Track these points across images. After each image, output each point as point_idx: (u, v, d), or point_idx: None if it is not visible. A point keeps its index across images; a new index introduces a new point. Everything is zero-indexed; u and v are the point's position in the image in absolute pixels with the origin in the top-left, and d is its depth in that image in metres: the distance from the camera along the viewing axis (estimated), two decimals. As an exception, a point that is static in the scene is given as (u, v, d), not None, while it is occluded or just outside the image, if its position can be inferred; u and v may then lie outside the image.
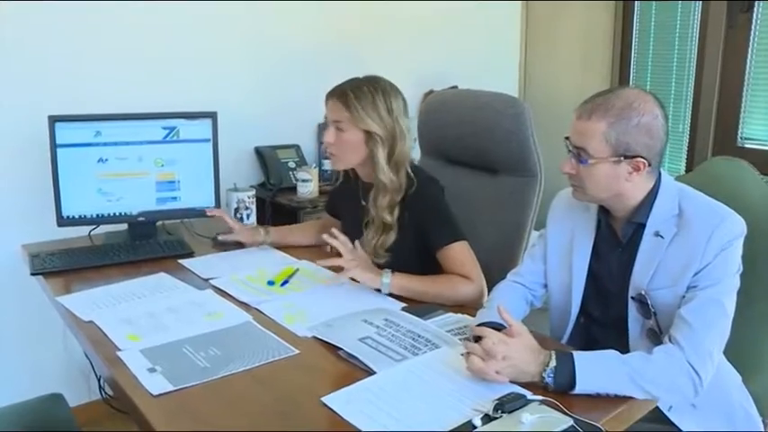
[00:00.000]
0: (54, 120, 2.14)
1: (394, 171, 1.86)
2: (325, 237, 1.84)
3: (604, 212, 1.57)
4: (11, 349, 2.59)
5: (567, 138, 1.52)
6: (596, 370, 1.30)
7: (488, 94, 2.16)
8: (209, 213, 2.29)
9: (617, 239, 1.56)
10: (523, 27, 3.92)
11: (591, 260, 1.59)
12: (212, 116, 2.29)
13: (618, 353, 1.34)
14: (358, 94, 1.84)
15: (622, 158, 1.44)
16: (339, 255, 1.81)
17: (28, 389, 2.13)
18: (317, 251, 2.14)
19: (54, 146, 2.14)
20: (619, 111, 1.42)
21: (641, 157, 1.44)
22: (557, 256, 1.65)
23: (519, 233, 2.05)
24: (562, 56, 3.80)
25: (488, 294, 1.75)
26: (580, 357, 1.31)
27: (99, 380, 2.53)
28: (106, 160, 2.20)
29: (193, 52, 2.78)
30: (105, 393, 2.54)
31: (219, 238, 2.24)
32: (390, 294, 1.78)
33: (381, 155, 1.85)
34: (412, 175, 1.88)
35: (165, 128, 2.24)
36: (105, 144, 2.19)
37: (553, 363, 1.30)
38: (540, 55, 3.90)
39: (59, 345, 2.65)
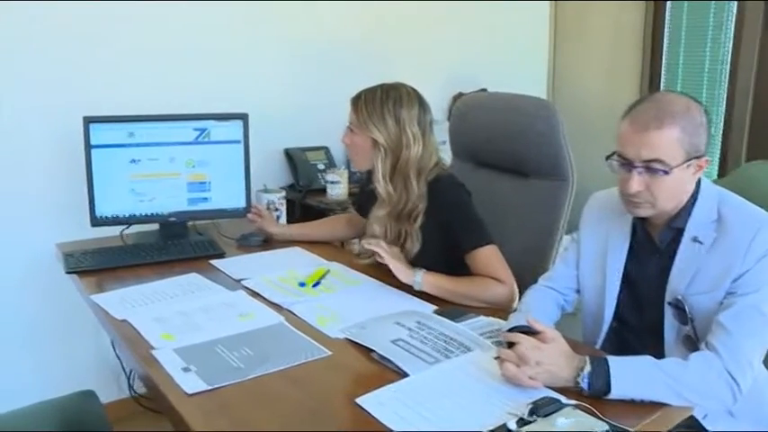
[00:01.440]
0: (89, 121, 2.17)
1: (400, 182, 1.88)
2: (364, 243, 1.88)
3: (640, 217, 1.56)
4: (44, 345, 2.63)
5: (611, 155, 1.46)
6: (631, 375, 1.29)
7: (520, 97, 2.16)
8: (251, 216, 2.31)
9: (654, 244, 1.54)
10: (552, 28, 3.90)
11: (626, 264, 1.57)
12: (243, 118, 2.31)
13: (653, 358, 1.33)
14: (368, 100, 1.89)
15: (693, 160, 1.43)
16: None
17: (60, 385, 2.17)
18: (348, 253, 2.15)
19: (88, 146, 2.18)
20: (683, 114, 1.41)
21: (704, 155, 1.44)
22: (590, 260, 1.64)
23: (550, 237, 2.04)
24: (591, 58, 3.77)
25: (520, 298, 1.75)
26: (615, 362, 1.30)
27: (128, 378, 2.56)
28: (139, 161, 2.23)
29: (224, 54, 2.81)
30: (134, 391, 2.57)
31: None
32: (421, 295, 1.78)
33: (380, 165, 1.89)
34: (434, 181, 1.89)
35: (196, 129, 2.27)
36: (138, 145, 2.22)
37: (588, 368, 1.30)
38: (568, 57, 3.88)
39: (91, 342, 2.69)
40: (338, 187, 2.80)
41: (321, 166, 2.96)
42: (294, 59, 2.98)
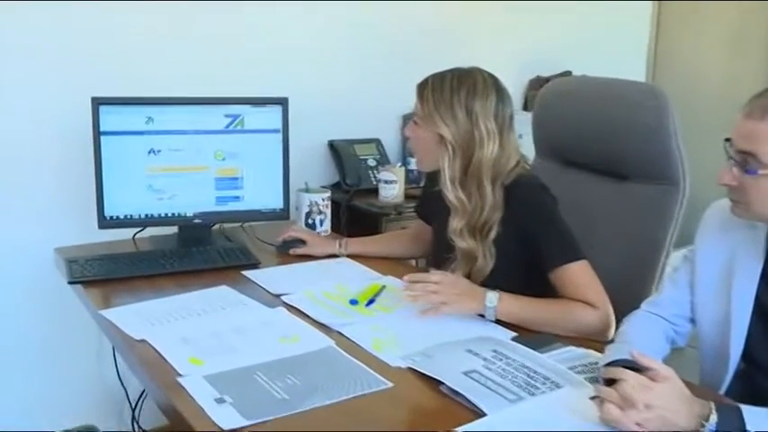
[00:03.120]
0: (98, 102, 2.21)
1: (474, 188, 1.88)
2: (406, 279, 1.87)
3: (775, 229, 1.54)
4: (37, 369, 2.67)
5: (726, 140, 1.48)
6: None
7: (620, 83, 2.15)
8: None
9: (796, 266, 1.52)
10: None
11: (758, 290, 1.54)
12: (282, 103, 2.34)
13: None
14: (436, 87, 1.90)
15: None
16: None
17: (54, 416, 2.20)
18: (408, 265, 2.17)
19: (98, 133, 2.21)
20: None
21: None
22: (710, 282, 1.62)
23: (655, 252, 2.03)
24: (706, 37, 3.70)
25: (617, 327, 1.73)
26: (752, 414, 1.26)
27: (134, 411, 2.59)
28: (158, 152, 2.27)
29: (262, 30, 2.84)
30: (139, 427, 2.61)
31: (291, 251, 2.29)
32: (497, 321, 1.79)
33: (448, 167, 1.89)
34: (512, 185, 1.89)
35: (227, 115, 2.31)
36: (158, 132, 2.27)
37: (714, 416, 1.27)
38: (675, 35, 3.82)
39: (91, 367, 2.72)
40: (393, 188, 2.82)
41: (372, 162, 2.99)
42: (342, 37, 3.01)
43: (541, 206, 1.88)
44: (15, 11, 2.42)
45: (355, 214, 2.83)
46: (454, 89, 1.88)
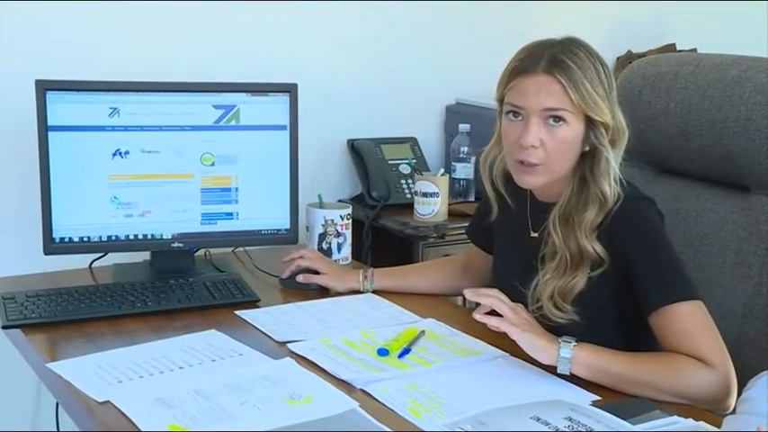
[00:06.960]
0: (45, 87, 2.23)
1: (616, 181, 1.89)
2: (468, 294, 1.88)
3: None
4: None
5: None
6: None
7: (745, 61, 2.13)
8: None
9: None
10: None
11: None
12: (290, 90, 2.36)
13: None
14: (580, 64, 1.86)
15: None
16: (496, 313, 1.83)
17: None
18: (451, 304, 2.18)
19: (44, 128, 2.24)
20: None
21: None
22: None
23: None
24: None
25: (739, 392, 1.70)
26: None
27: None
28: (126, 154, 2.30)
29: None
30: None
31: (299, 278, 2.31)
32: (572, 376, 1.78)
33: (612, 154, 1.89)
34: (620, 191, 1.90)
35: (218, 107, 2.33)
36: (125, 128, 2.30)
37: None
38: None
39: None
40: (433, 202, 2.81)
41: (405, 169, 3.01)
42: (367, 7, 3.03)
43: (646, 226, 1.89)
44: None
45: (383, 237, 2.86)
46: (593, 62, 1.88)
